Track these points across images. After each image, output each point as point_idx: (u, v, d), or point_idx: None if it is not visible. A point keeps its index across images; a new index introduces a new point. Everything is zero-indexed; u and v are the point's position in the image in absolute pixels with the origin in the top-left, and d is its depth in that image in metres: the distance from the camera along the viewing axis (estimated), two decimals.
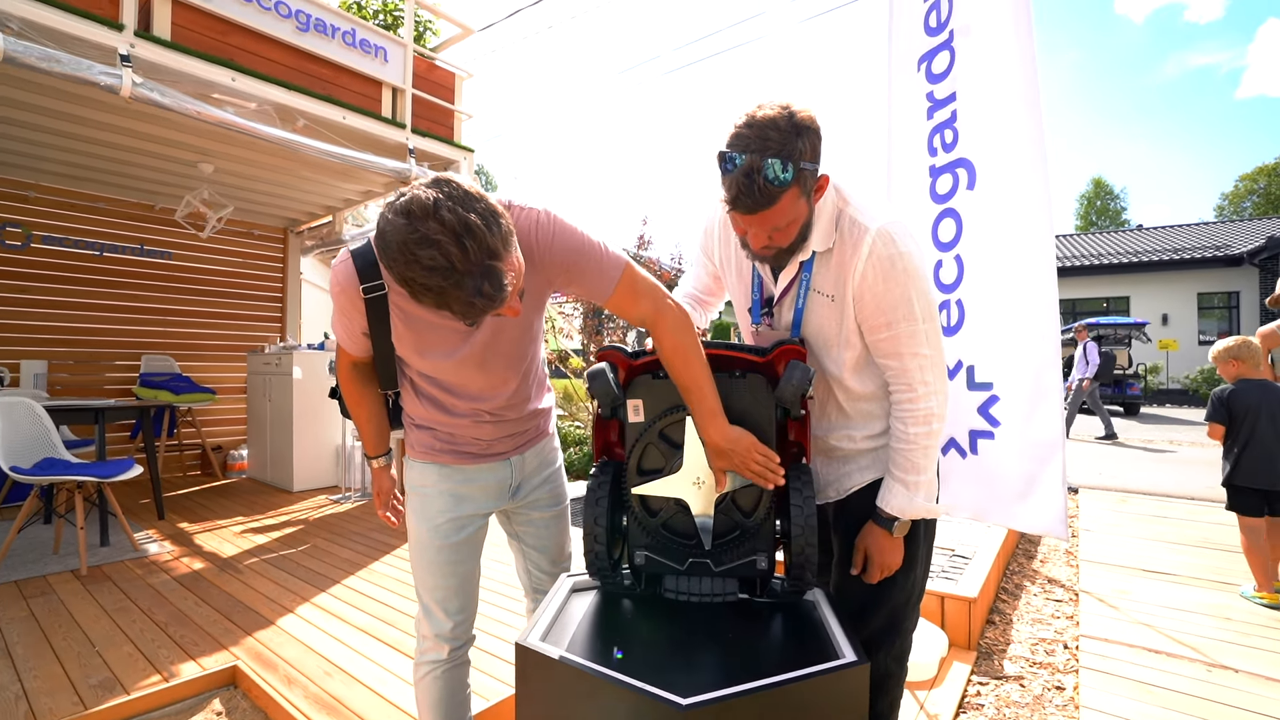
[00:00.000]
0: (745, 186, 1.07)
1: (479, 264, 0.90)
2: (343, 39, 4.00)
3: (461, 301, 0.92)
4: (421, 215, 0.88)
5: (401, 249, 0.88)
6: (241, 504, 4.62)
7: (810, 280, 1.29)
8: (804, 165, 1.07)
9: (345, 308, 1.20)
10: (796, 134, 1.07)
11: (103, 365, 5.39)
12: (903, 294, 1.18)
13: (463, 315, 0.96)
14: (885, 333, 1.22)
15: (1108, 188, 35.22)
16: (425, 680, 1.42)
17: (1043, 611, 2.95)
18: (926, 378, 1.22)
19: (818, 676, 1.04)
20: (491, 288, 0.92)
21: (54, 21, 2.90)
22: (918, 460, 1.23)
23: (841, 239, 1.22)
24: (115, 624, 2.41)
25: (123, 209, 5.51)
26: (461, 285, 0.90)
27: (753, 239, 1.19)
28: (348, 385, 1.39)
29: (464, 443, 1.37)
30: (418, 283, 0.90)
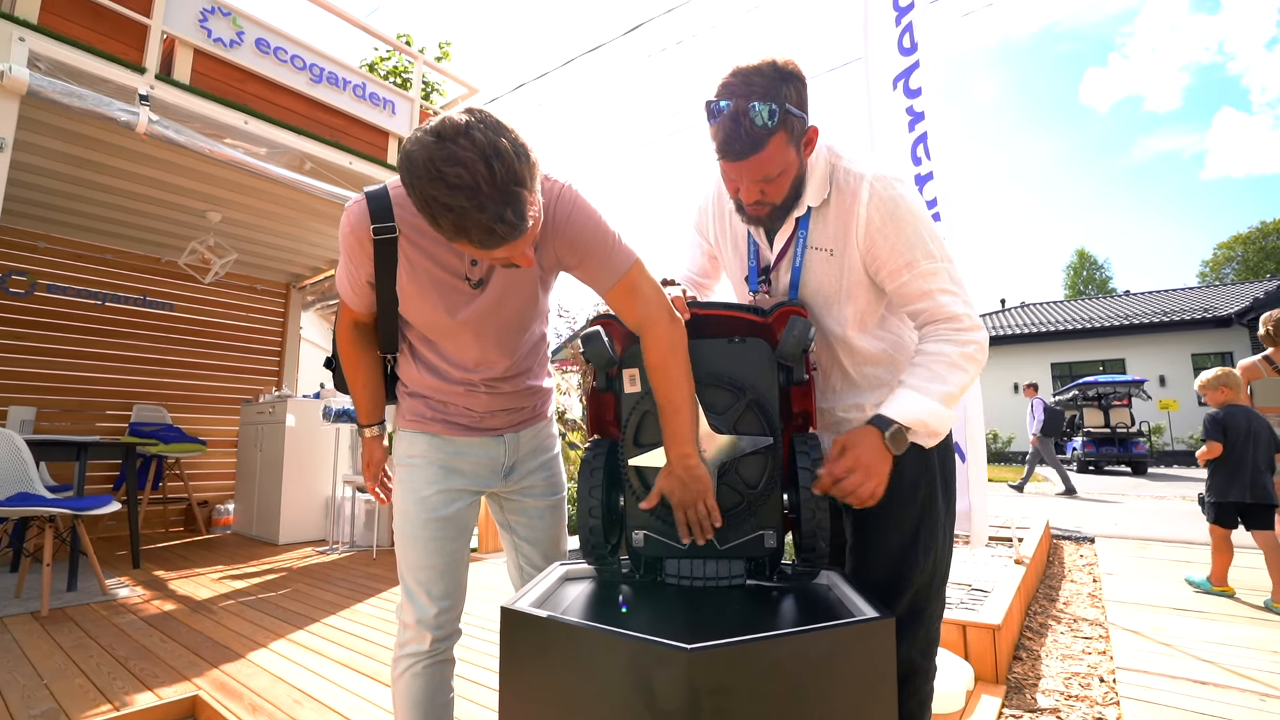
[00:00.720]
0: (732, 130, 1.05)
1: (504, 188, 0.87)
2: (354, 91, 4.20)
3: (482, 226, 0.89)
4: (452, 134, 0.86)
5: (428, 165, 0.86)
6: (223, 556, 4.41)
7: (807, 237, 1.27)
8: (790, 109, 1.06)
9: (353, 250, 1.16)
10: (782, 80, 1.07)
11: (92, 414, 5.30)
12: (915, 232, 1.14)
13: (481, 243, 0.92)
14: (907, 274, 1.15)
15: (1091, 258, 36.29)
16: (404, 677, 1.28)
17: (1072, 648, 2.74)
18: (971, 313, 1.13)
19: (837, 629, 0.94)
20: (514, 215, 0.89)
21: (80, 63, 3.05)
22: (943, 372, 1.09)
23: (838, 190, 1.20)
24: (70, 659, 2.22)
25: (129, 260, 5.60)
26: (484, 208, 0.87)
27: (745, 193, 1.15)
28: (346, 347, 1.33)
29: (455, 413, 1.31)
30: (440, 202, 0.87)
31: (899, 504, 1.28)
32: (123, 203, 4.60)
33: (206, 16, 3.56)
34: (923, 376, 1.11)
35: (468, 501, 1.34)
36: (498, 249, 0.94)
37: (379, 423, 1.42)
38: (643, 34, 51.95)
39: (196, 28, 3.52)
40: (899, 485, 1.28)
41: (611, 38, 10.85)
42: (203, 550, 4.60)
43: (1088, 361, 17.23)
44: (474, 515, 1.38)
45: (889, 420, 1.08)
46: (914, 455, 1.29)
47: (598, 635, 0.93)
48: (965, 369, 1.10)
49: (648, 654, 0.86)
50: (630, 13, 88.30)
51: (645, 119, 72.23)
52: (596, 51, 7.48)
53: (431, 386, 1.29)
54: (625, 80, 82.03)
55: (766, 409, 1.22)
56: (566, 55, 27.22)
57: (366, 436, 1.41)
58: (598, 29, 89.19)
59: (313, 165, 3.99)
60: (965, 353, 1.10)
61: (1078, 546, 5.13)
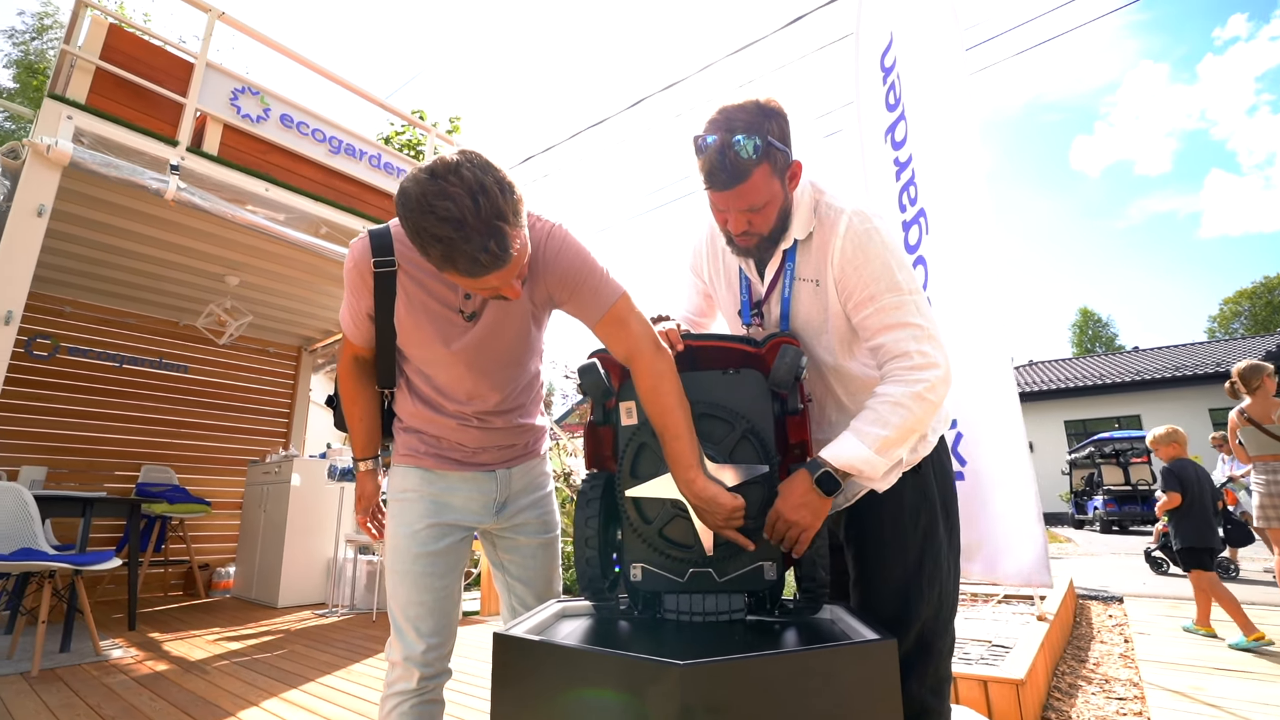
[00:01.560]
0: (718, 161, 1.11)
1: (488, 221, 0.94)
2: (369, 161, 4.45)
3: (467, 256, 0.95)
4: (444, 172, 0.94)
5: (420, 200, 0.94)
6: (221, 618, 4.30)
7: (794, 269, 1.31)
8: (772, 142, 1.12)
9: (355, 284, 1.22)
10: (764, 115, 1.14)
11: (101, 474, 5.32)
12: (882, 265, 1.16)
13: (467, 272, 0.98)
14: (870, 308, 1.17)
15: (1095, 316, 36.36)
16: (392, 716, 1.24)
17: (1105, 709, 2.58)
18: (924, 348, 1.12)
19: (836, 649, 0.92)
20: (498, 247, 0.96)
21: (119, 137, 3.27)
22: (888, 416, 1.08)
23: (820, 224, 1.24)
24: (55, 718, 2.15)
25: (148, 324, 5.77)
26: (469, 240, 0.94)
27: (733, 223, 1.20)
28: (346, 380, 1.37)
29: (448, 448, 1.33)
30: (429, 233, 0.94)
31: (900, 534, 1.26)
32: (146, 268, 4.80)
33: (237, 95, 3.83)
34: (866, 419, 1.11)
35: (459, 537, 1.34)
36: (483, 278, 1.00)
37: (373, 457, 1.43)
38: (643, 109, 54.52)
39: (227, 105, 3.78)
40: (898, 515, 1.27)
41: (614, 112, 11.46)
42: (200, 613, 4.50)
43: (1102, 419, 16.96)
44: (465, 552, 1.37)
45: (818, 463, 1.10)
46: (913, 484, 1.29)
47: (589, 656, 0.92)
48: (910, 408, 1.09)
49: (640, 672, 0.84)
50: (631, 89, 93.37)
51: (647, 187, 75.11)
52: (600, 125, 7.87)
53: (426, 419, 1.31)
54: (627, 152, 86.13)
55: (762, 438, 1.23)
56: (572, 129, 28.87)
57: (361, 470, 1.43)
58: (601, 104, 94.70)
59: (328, 229, 4.17)
60: (913, 392, 1.10)
61: (1106, 606, 4.90)
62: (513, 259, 1.00)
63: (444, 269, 1.00)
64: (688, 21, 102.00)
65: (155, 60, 3.60)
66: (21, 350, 4.99)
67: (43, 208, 2.97)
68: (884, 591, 1.26)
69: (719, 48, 28.63)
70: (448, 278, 1.08)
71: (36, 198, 2.96)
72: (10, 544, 2.98)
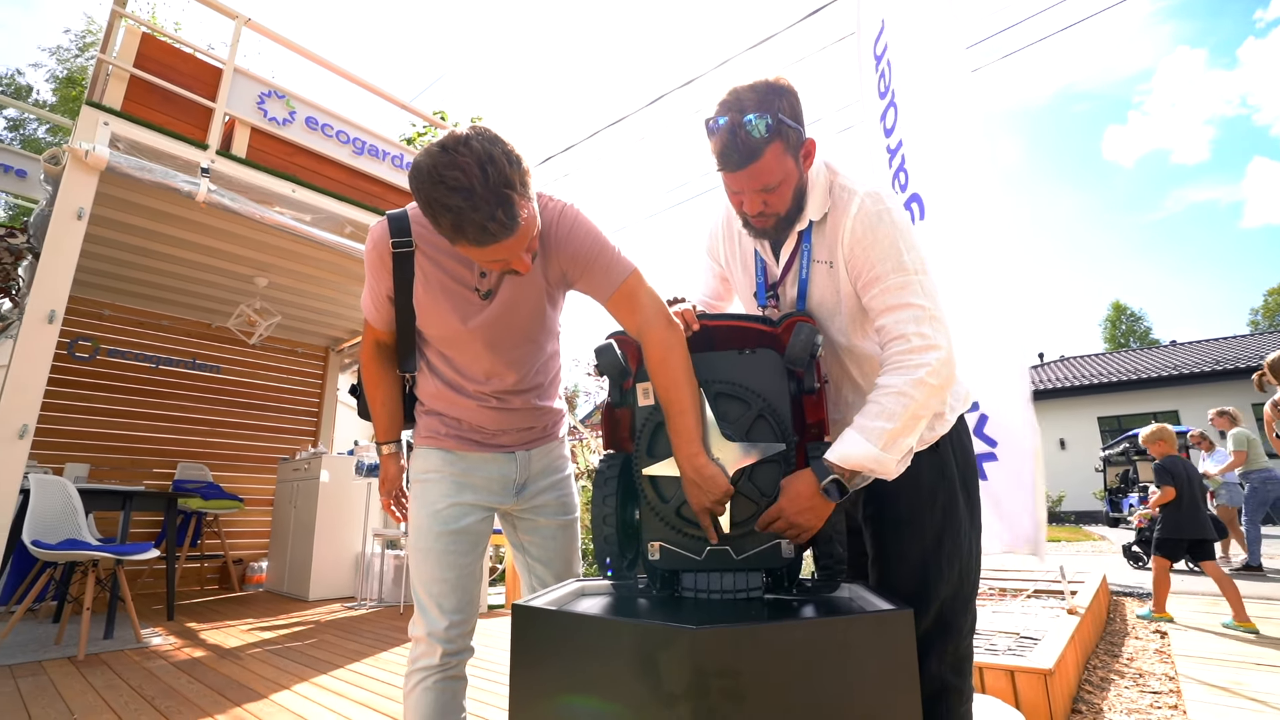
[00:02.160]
0: (729, 142, 1.11)
1: (496, 190, 0.98)
2: (392, 161, 4.53)
3: (476, 225, 0.99)
4: (453, 145, 0.99)
5: (431, 171, 0.98)
6: (254, 610, 4.42)
7: (811, 251, 1.30)
8: (784, 119, 1.12)
9: (375, 266, 1.26)
10: (774, 94, 1.13)
11: (140, 471, 5.50)
12: (890, 244, 1.15)
13: (477, 240, 1.01)
14: (876, 288, 1.16)
15: (1128, 310, 35.29)
16: (415, 691, 1.27)
17: (1139, 702, 2.52)
18: (924, 330, 1.09)
19: (851, 620, 0.92)
20: (505, 215, 0.99)
21: (152, 141, 3.39)
22: (891, 407, 1.06)
23: (834, 205, 1.23)
24: (100, 697, 2.24)
25: (182, 326, 5.95)
26: (478, 209, 0.98)
27: (748, 204, 1.20)
28: (369, 365, 1.41)
29: (469, 429, 1.36)
30: (440, 202, 0.98)
31: (918, 513, 1.25)
32: (179, 270, 4.95)
33: (264, 99, 3.94)
34: (870, 413, 1.09)
35: (480, 516, 1.36)
36: (492, 247, 1.03)
37: (395, 440, 1.46)
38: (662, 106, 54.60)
39: (255, 109, 3.88)
40: (916, 495, 1.26)
41: (633, 110, 11.48)
42: (235, 605, 4.63)
43: (1138, 414, 16.47)
44: (486, 531, 1.39)
45: (826, 469, 1.07)
46: (930, 463, 1.28)
47: (604, 623, 0.93)
48: (913, 396, 1.06)
49: (653, 636, 0.85)
50: (650, 87, 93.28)
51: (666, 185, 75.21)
52: (619, 124, 7.88)
53: (447, 401, 1.34)
54: (646, 150, 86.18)
55: (779, 417, 1.22)
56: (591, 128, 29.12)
57: (384, 454, 1.46)
58: (620, 103, 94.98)
59: (353, 229, 4.26)
60: (914, 379, 1.07)
61: (1141, 603, 4.77)
62: (520, 228, 1.03)
63: (455, 239, 1.03)
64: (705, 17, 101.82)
65: (185, 67, 3.72)
66: (64, 352, 5.19)
67: (82, 211, 3.09)
68: (903, 570, 1.25)
69: (737, 43, 28.72)
70: (459, 250, 1.10)
71: (76, 201, 3.08)
72: (56, 535, 3.10)
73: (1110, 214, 78.83)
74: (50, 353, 2.93)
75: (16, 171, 5.15)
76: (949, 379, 1.11)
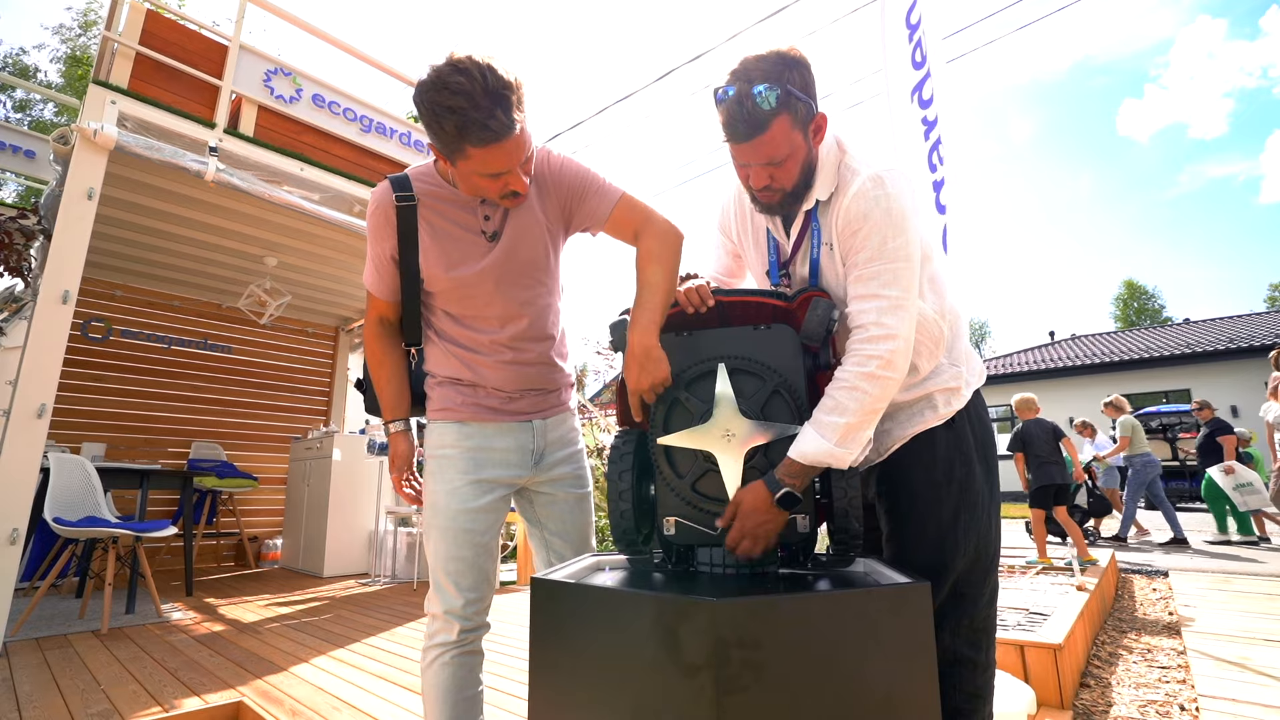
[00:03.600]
0: (736, 112, 1.09)
1: (494, 92, 1.06)
2: (400, 139, 4.49)
3: (478, 124, 1.06)
4: (456, 59, 1.08)
5: (434, 79, 1.06)
6: (271, 586, 4.51)
7: (821, 232, 1.28)
8: (793, 91, 1.09)
9: (379, 225, 1.27)
10: (785, 65, 1.10)
11: (154, 451, 5.58)
12: (876, 231, 1.11)
13: (480, 140, 1.08)
14: (851, 275, 1.14)
15: (1141, 288, 34.81)
16: (433, 666, 1.29)
17: (1147, 676, 2.54)
18: (885, 320, 1.08)
19: (869, 592, 0.92)
20: (504, 116, 1.07)
21: (160, 120, 3.37)
22: (844, 401, 1.06)
23: (839, 185, 1.20)
24: (125, 669, 2.30)
25: (193, 306, 5.99)
26: (479, 108, 1.05)
27: (754, 178, 1.17)
28: (373, 344, 1.40)
29: (485, 395, 1.34)
30: (443, 105, 1.06)
31: (933, 488, 1.25)
32: (190, 250, 4.96)
33: (270, 77, 3.90)
34: (825, 407, 1.08)
35: (499, 494, 1.36)
36: (494, 148, 1.09)
37: (404, 419, 1.44)
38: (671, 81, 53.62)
39: (261, 86, 3.85)
40: (931, 470, 1.26)
41: (642, 85, 11.30)
42: (252, 581, 4.72)
43: (1149, 393, 16.34)
44: (504, 509, 1.38)
45: (778, 483, 1.07)
46: (946, 439, 1.27)
47: (624, 595, 0.94)
48: (864, 389, 1.05)
49: (674, 608, 0.86)
50: (659, 62, 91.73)
51: (675, 161, 74.10)
52: (628, 100, 7.78)
53: (463, 361, 1.33)
54: (655, 126, 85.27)
55: (795, 393, 1.21)
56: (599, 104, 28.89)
57: (392, 432, 1.43)
58: (629, 78, 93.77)
59: (361, 208, 4.24)
60: (864, 372, 1.06)
61: (1150, 580, 4.77)
62: (517, 134, 1.10)
63: (459, 142, 1.09)
64: None
65: (191, 44, 3.68)
66: (78, 333, 5.24)
67: (92, 191, 3.09)
68: (918, 546, 1.25)
69: (747, 15, 28.16)
70: (463, 159, 1.13)
71: (86, 181, 3.08)
72: (77, 512, 3.16)
73: (1124, 190, 77.41)
74: (65, 333, 2.95)
75: (25, 152, 5.15)
76: (902, 368, 1.09)
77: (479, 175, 1.15)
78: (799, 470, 1.07)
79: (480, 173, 1.14)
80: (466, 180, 1.19)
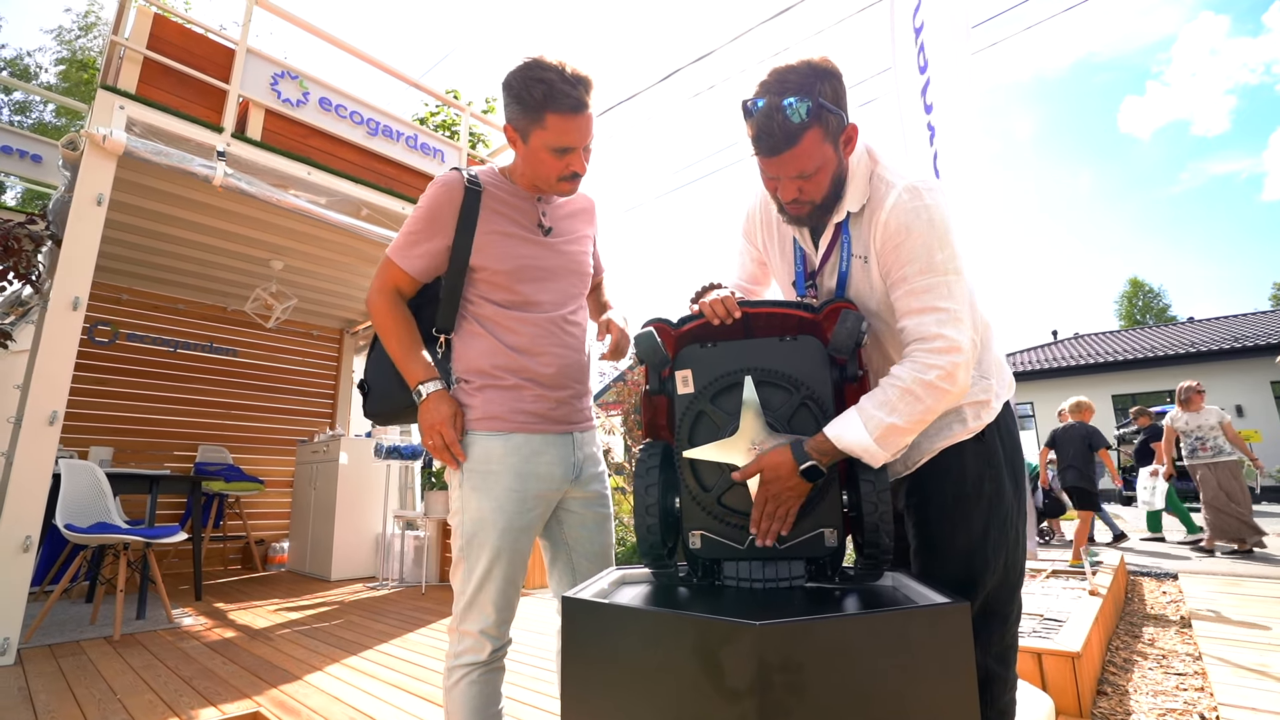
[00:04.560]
0: (766, 125, 1.07)
1: (577, 78, 1.23)
2: (406, 143, 4.48)
3: (563, 94, 1.21)
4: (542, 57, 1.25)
5: (529, 62, 1.24)
6: (279, 590, 4.50)
7: (850, 244, 1.26)
8: (824, 104, 1.07)
9: (442, 207, 1.31)
10: (816, 77, 1.08)
11: (161, 455, 5.58)
12: (922, 243, 1.09)
13: (566, 107, 1.22)
14: (902, 289, 1.12)
15: (1145, 286, 34.71)
16: (461, 684, 1.27)
17: (1164, 684, 2.52)
18: (947, 332, 1.05)
19: (910, 612, 0.91)
20: (585, 95, 1.23)
21: (168, 125, 3.36)
22: (897, 403, 1.03)
23: (872, 196, 1.18)
24: (140, 678, 2.29)
25: (199, 310, 5.98)
26: (565, 80, 1.21)
27: (783, 190, 1.16)
28: (386, 305, 1.33)
29: (530, 398, 1.32)
30: (534, 78, 1.21)
31: (963, 502, 1.23)
32: (196, 254, 4.95)
33: (277, 80, 3.89)
34: (876, 400, 1.06)
35: (542, 510, 1.34)
36: (573, 119, 1.23)
37: (437, 378, 1.31)
38: (676, 81, 53.53)
39: (268, 90, 3.84)
40: (962, 484, 1.24)
41: (645, 86, 11.28)
42: (259, 585, 4.71)
43: (1153, 393, 16.31)
44: (540, 527, 1.36)
45: (805, 454, 1.05)
46: (976, 451, 1.25)
47: (662, 617, 0.92)
48: (921, 398, 1.04)
49: (714, 632, 0.85)
50: (662, 62, 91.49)
51: (677, 163, 73.93)
52: (632, 100, 7.75)
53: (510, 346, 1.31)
54: (658, 127, 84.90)
55: (821, 406, 1.20)
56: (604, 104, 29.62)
57: (430, 393, 1.29)
58: (632, 79, 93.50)
59: (369, 211, 4.23)
60: (924, 380, 1.04)
61: (1159, 583, 4.76)
62: (591, 116, 1.26)
63: (541, 110, 1.22)
64: None
65: (198, 48, 3.67)
66: (85, 337, 5.23)
67: (101, 196, 3.08)
68: (949, 562, 1.23)
69: (752, 15, 28.25)
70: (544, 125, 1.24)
71: (95, 187, 3.07)
72: (87, 519, 3.15)
73: (1126, 188, 77.24)
74: (75, 339, 2.95)
75: (32, 156, 5.15)
76: (964, 383, 1.07)
77: (549, 150, 1.25)
78: (830, 450, 1.06)
79: (552, 145, 1.25)
80: (534, 159, 1.29)
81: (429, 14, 72.47)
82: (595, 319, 1.60)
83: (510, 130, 1.29)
